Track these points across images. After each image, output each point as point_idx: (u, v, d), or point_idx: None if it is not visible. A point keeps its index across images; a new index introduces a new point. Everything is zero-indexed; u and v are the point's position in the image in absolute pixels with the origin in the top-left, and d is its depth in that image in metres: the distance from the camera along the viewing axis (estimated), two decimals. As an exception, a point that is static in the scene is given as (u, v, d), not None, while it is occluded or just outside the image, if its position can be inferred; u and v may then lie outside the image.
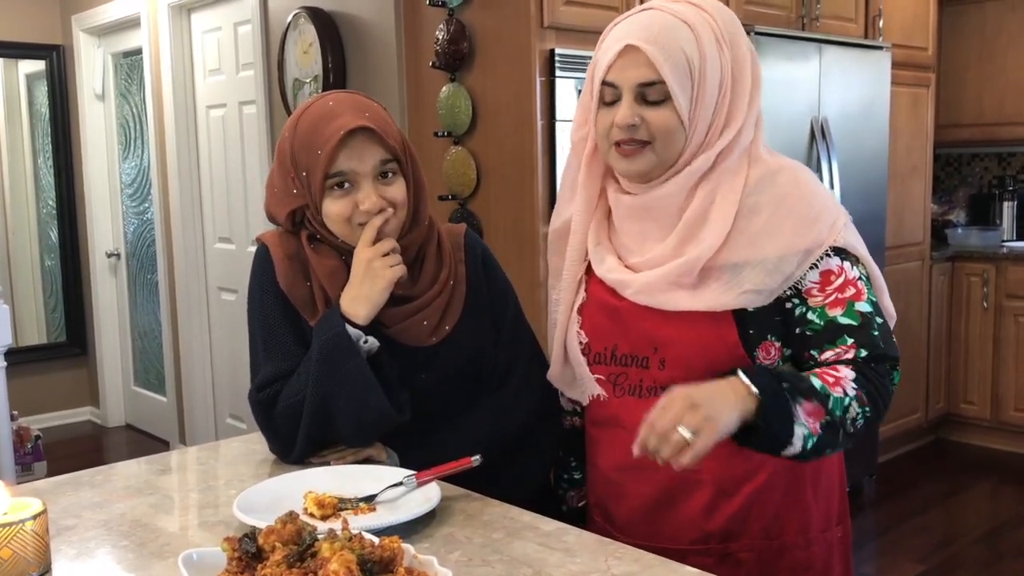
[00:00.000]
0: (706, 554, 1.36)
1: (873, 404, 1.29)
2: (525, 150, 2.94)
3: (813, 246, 1.32)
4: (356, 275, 1.51)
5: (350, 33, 3.50)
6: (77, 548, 1.27)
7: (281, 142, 1.56)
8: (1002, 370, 4.64)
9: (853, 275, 1.34)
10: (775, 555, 1.40)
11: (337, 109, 1.51)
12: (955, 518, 3.94)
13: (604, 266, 1.43)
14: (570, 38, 2.98)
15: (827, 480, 1.45)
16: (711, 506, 1.38)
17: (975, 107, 4.95)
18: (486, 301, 1.65)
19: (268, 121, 3.97)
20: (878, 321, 1.34)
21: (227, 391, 4.58)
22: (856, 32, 4.06)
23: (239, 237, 4.37)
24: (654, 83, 1.31)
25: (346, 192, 1.51)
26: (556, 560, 1.19)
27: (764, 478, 1.37)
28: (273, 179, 1.59)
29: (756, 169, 1.35)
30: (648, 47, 1.30)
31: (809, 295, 1.33)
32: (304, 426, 1.51)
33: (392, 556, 1.00)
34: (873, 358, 1.31)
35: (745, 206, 1.33)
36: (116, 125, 5.31)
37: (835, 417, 1.26)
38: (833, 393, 1.26)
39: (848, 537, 1.50)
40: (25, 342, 5.43)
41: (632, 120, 1.32)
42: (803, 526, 1.41)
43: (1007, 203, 5.08)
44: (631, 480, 1.44)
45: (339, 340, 1.47)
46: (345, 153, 1.48)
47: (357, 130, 1.48)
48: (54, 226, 5.49)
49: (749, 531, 1.39)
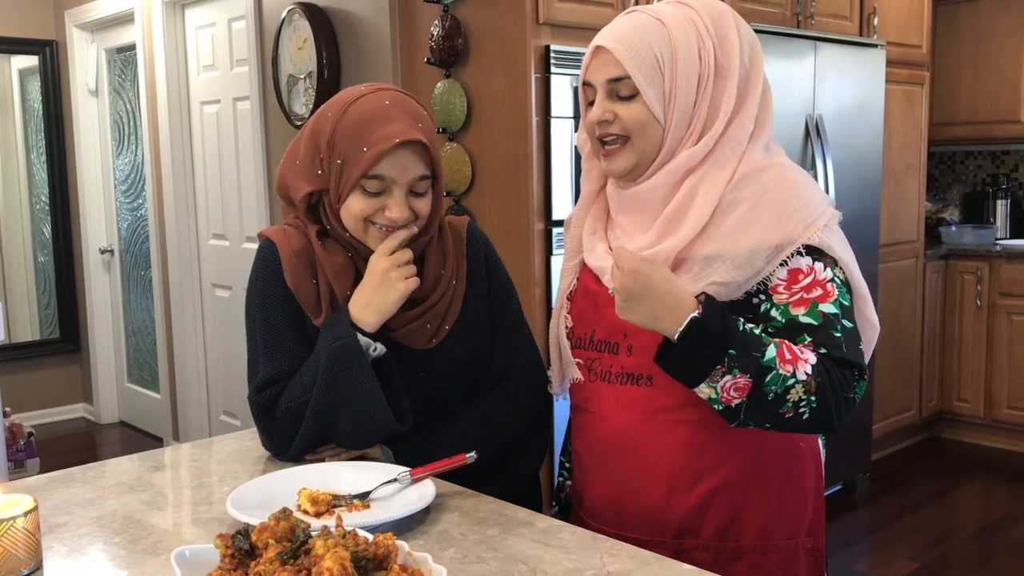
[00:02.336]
0: (662, 547, 1.34)
1: (823, 399, 1.27)
2: (520, 147, 2.94)
3: (784, 242, 1.32)
4: (370, 283, 1.50)
5: (345, 29, 3.49)
6: (69, 545, 1.27)
7: (321, 119, 1.52)
8: (995, 368, 4.65)
9: (824, 276, 1.33)
10: (730, 558, 1.39)
11: (393, 112, 1.48)
12: (948, 515, 3.95)
13: (593, 253, 1.46)
14: (565, 34, 2.97)
15: (797, 486, 1.43)
16: (666, 499, 1.39)
17: (969, 105, 4.96)
18: (486, 296, 1.64)
19: (262, 117, 3.96)
20: (844, 324, 1.32)
21: (221, 388, 4.57)
22: (851, 30, 4.06)
23: (233, 234, 4.36)
24: (620, 79, 1.36)
25: (375, 195, 1.49)
26: (551, 557, 1.19)
27: (722, 477, 1.37)
28: (298, 150, 1.56)
29: (744, 166, 1.37)
30: (613, 45, 1.36)
31: (775, 292, 1.33)
32: (304, 429, 1.50)
33: (386, 553, 1.00)
34: (834, 360, 1.29)
35: (725, 201, 1.35)
36: (110, 121, 5.29)
37: (768, 395, 1.24)
38: (779, 369, 1.24)
39: (820, 551, 1.46)
40: (18, 338, 5.42)
41: (603, 116, 1.38)
42: (764, 530, 1.39)
43: (1000, 201, 5.09)
44: (598, 466, 1.46)
45: (348, 351, 1.46)
46: (390, 160, 1.46)
47: (412, 142, 1.47)
48: (47, 222, 5.47)
49: (704, 530, 1.39)
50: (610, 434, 1.43)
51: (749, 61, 1.39)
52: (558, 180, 2.96)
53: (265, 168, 3.99)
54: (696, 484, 1.38)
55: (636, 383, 1.39)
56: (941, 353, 4.79)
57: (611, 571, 1.15)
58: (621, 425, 1.41)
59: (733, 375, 1.24)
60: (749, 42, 1.39)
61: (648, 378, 1.38)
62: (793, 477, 1.42)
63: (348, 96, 1.52)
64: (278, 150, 3.90)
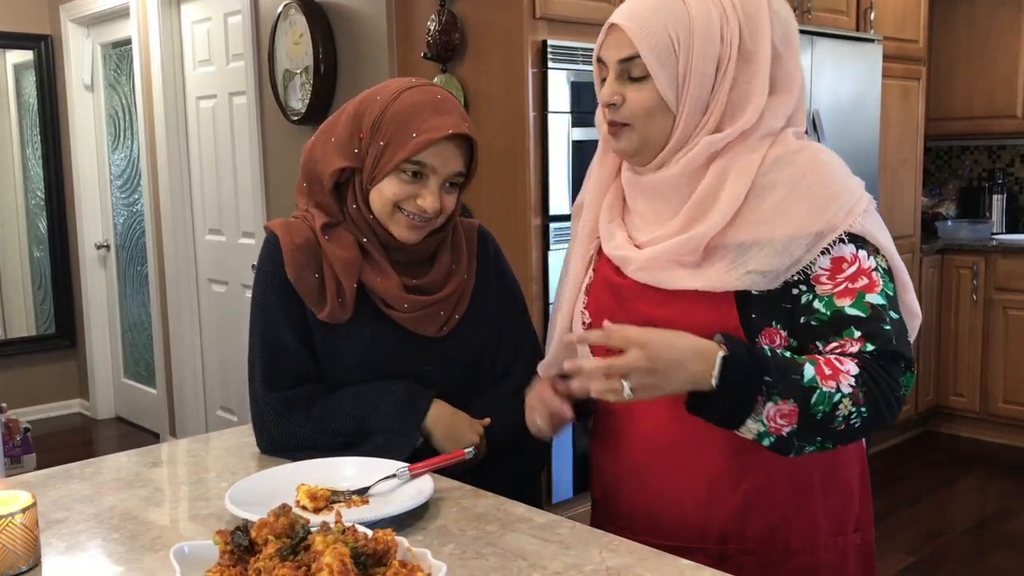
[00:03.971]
0: (704, 553, 1.29)
1: (872, 405, 1.20)
2: (517, 142, 2.93)
3: (826, 229, 1.24)
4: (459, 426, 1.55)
5: (341, 24, 3.48)
6: (67, 541, 1.26)
7: (368, 101, 1.54)
8: (991, 362, 4.66)
9: (868, 265, 1.25)
10: (778, 561, 1.32)
11: (446, 107, 1.51)
12: (944, 510, 3.96)
13: (613, 243, 1.38)
14: (562, 29, 2.97)
15: (842, 482, 1.37)
16: (707, 502, 1.32)
17: (965, 100, 4.96)
18: (494, 297, 1.66)
19: (258, 112, 3.95)
20: (892, 316, 1.24)
21: (218, 383, 4.56)
22: (848, 24, 4.06)
23: (229, 229, 4.35)
24: (631, 58, 1.29)
25: (412, 181, 1.51)
26: (550, 552, 1.19)
27: (764, 476, 1.31)
28: (336, 127, 1.56)
29: (776, 148, 1.29)
30: (627, 24, 1.29)
31: (818, 282, 1.25)
32: (317, 453, 1.52)
33: (385, 549, 1.00)
34: (882, 354, 1.22)
35: (759, 184, 1.26)
36: (105, 116, 5.28)
37: (816, 415, 1.18)
38: (823, 387, 1.18)
39: (870, 546, 1.41)
40: (14, 334, 5.41)
41: (611, 98, 1.32)
42: (811, 530, 1.33)
43: (996, 196, 5.10)
44: (629, 472, 1.39)
45: (402, 446, 1.51)
46: (436, 149, 1.49)
47: (458, 137, 1.50)
48: (43, 217, 5.46)
49: (748, 533, 1.32)
50: (644, 437, 1.35)
51: (783, 44, 1.30)
52: (555, 175, 2.95)
53: (261, 163, 3.98)
54: (738, 484, 1.31)
55: None
56: (937, 348, 4.79)
57: (610, 566, 1.15)
58: (654, 426, 1.34)
59: (775, 403, 1.17)
60: (783, 22, 1.30)
61: None
62: (837, 471, 1.36)
63: (400, 84, 1.55)
64: (274, 145, 3.89)
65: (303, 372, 1.57)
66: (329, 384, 1.58)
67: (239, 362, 1.63)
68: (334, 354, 1.57)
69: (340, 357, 1.56)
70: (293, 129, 3.71)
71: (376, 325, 1.55)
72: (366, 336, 1.56)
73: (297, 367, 1.57)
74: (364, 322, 1.55)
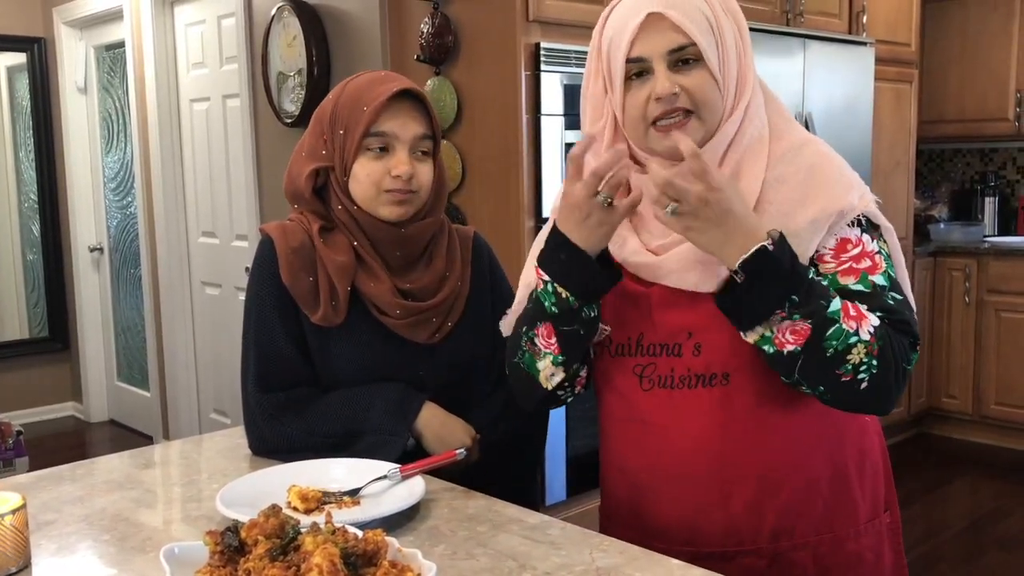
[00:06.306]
0: (756, 555, 1.28)
1: (883, 365, 1.18)
2: (510, 144, 2.93)
3: (847, 209, 1.25)
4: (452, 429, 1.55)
5: (334, 26, 3.48)
6: (58, 543, 1.26)
7: (322, 107, 1.58)
8: (983, 364, 4.67)
9: (872, 248, 1.26)
10: (828, 551, 1.32)
11: (389, 76, 1.56)
12: (937, 511, 3.97)
13: (627, 248, 1.31)
14: (556, 32, 2.97)
15: (871, 466, 1.38)
16: (757, 503, 1.29)
17: (957, 103, 4.98)
18: (488, 305, 1.65)
19: (252, 115, 3.95)
20: (895, 296, 1.25)
21: (211, 385, 4.56)
22: (840, 28, 4.07)
23: (223, 231, 4.35)
24: (685, 47, 1.24)
25: (380, 156, 1.52)
26: (541, 553, 1.19)
27: (811, 469, 1.30)
28: (302, 144, 1.60)
29: (779, 142, 1.30)
30: (671, 11, 1.23)
31: (821, 261, 1.25)
32: (309, 454, 1.52)
33: (376, 549, 1.00)
34: (892, 324, 1.21)
35: (771, 176, 1.27)
36: (99, 118, 5.27)
37: (827, 349, 1.16)
38: (842, 324, 1.16)
39: (897, 524, 1.42)
40: (6, 337, 5.40)
41: (673, 89, 1.23)
42: (851, 517, 1.34)
43: (989, 199, 5.12)
44: (666, 481, 1.33)
45: (391, 448, 1.50)
46: (389, 114, 1.51)
47: (406, 97, 1.52)
48: (36, 220, 5.45)
49: (800, 527, 1.31)
50: (683, 444, 1.30)
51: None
52: (548, 178, 2.96)
53: (255, 166, 3.98)
54: (787, 481, 1.29)
55: (709, 384, 1.27)
56: (929, 350, 4.81)
57: (600, 567, 1.15)
58: (695, 432, 1.29)
59: (792, 320, 1.16)
60: None
61: (724, 376, 1.27)
62: (867, 454, 1.37)
63: (348, 79, 1.58)
64: (268, 147, 3.89)
65: (296, 374, 1.57)
66: (323, 387, 1.58)
67: (232, 365, 1.63)
68: (327, 357, 1.57)
69: (333, 361, 1.56)
70: (286, 131, 3.71)
71: (369, 330, 1.55)
72: (359, 340, 1.56)
73: (290, 369, 1.57)
74: (357, 326, 1.55)
